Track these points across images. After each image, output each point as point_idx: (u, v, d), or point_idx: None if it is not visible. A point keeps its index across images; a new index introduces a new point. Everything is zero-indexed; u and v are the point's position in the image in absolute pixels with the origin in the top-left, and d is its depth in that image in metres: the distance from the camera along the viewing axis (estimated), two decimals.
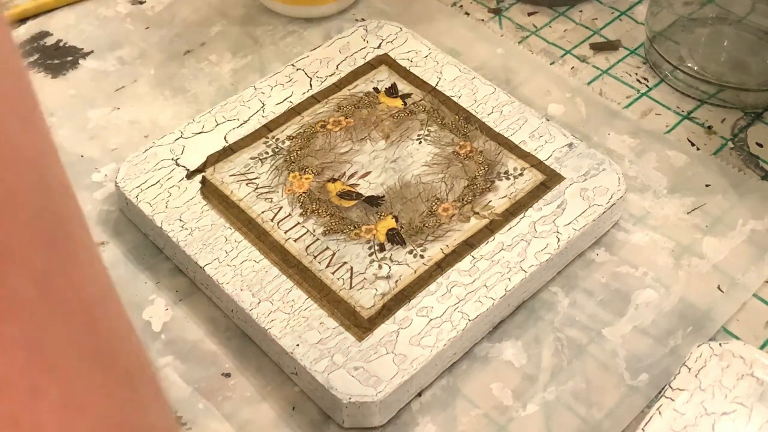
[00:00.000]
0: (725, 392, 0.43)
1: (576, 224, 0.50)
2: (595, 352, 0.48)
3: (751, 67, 0.62)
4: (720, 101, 0.60)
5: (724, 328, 0.49)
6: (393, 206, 0.52)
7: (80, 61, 0.63)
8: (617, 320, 0.49)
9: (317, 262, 0.49)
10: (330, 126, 0.56)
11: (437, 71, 0.59)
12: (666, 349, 0.48)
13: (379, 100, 0.57)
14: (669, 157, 0.57)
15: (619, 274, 0.51)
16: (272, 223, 0.51)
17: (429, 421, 0.46)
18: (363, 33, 0.61)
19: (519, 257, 0.49)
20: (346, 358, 0.45)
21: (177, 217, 0.51)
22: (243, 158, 0.54)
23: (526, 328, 0.49)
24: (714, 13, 0.64)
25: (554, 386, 0.47)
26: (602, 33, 0.65)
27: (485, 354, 0.48)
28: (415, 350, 0.45)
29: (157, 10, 0.67)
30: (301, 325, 0.46)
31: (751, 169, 0.56)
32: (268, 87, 0.58)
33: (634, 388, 0.47)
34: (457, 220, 0.51)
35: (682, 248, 0.52)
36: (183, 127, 0.55)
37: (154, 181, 0.52)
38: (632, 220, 0.54)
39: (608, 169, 0.53)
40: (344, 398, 0.44)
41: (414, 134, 0.55)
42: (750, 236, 0.53)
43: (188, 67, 0.63)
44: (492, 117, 0.56)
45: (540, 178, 0.53)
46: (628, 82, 0.62)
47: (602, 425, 0.45)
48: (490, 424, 0.45)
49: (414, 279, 0.48)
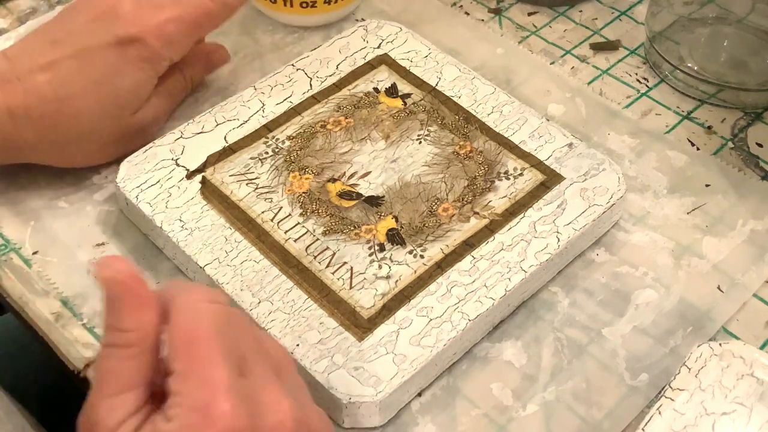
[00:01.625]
0: (725, 392, 0.43)
1: (576, 224, 0.50)
2: (595, 352, 0.48)
3: (751, 67, 0.62)
4: (720, 101, 0.60)
5: (724, 328, 0.49)
6: (393, 206, 0.52)
7: None
8: (617, 320, 0.49)
9: (317, 262, 0.49)
10: (330, 126, 0.56)
11: (437, 71, 0.59)
12: (666, 349, 0.48)
13: (379, 100, 0.57)
14: (669, 157, 0.57)
15: (619, 274, 0.51)
16: (272, 223, 0.51)
17: (429, 421, 0.46)
18: (363, 33, 0.61)
19: (519, 257, 0.49)
20: (346, 358, 0.45)
21: (177, 217, 0.51)
22: (243, 158, 0.54)
23: (526, 328, 0.49)
24: (714, 13, 0.64)
25: (554, 386, 0.47)
26: (602, 33, 0.65)
27: (485, 354, 0.48)
28: (415, 350, 0.45)
29: None
30: (301, 325, 0.46)
31: (751, 169, 0.56)
32: (268, 87, 0.58)
33: (634, 388, 0.47)
34: (457, 220, 0.51)
35: (682, 248, 0.52)
36: (183, 127, 0.55)
37: (154, 181, 0.52)
38: (632, 220, 0.54)
39: (608, 169, 0.53)
40: (344, 398, 0.44)
41: (414, 134, 0.55)
42: (750, 236, 0.53)
43: None
44: (492, 117, 0.56)
45: (540, 178, 0.53)
46: (628, 82, 0.62)
47: (602, 425, 0.45)
48: (490, 424, 0.45)
49: (414, 279, 0.48)
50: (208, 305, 0.34)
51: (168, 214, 0.51)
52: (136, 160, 0.53)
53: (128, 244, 0.53)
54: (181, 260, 0.50)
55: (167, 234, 0.50)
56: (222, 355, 0.32)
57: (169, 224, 0.50)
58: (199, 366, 0.32)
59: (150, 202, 0.51)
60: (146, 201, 0.51)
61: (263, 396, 0.33)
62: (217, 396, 0.31)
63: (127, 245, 0.53)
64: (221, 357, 0.32)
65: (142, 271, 0.51)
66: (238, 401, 0.31)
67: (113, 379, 0.33)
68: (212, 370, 0.32)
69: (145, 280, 0.34)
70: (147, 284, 0.34)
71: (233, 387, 0.32)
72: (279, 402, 0.33)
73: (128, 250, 0.52)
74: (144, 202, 0.51)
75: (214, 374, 0.32)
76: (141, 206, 0.51)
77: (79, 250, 0.52)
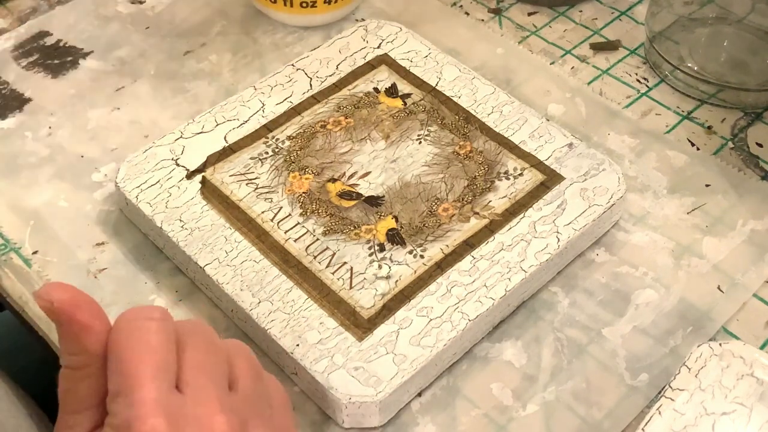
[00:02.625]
0: (725, 392, 0.43)
1: (576, 224, 0.50)
2: (595, 352, 0.48)
3: (751, 67, 0.62)
4: (720, 101, 0.60)
5: (724, 328, 0.49)
6: (393, 206, 0.52)
7: (80, 61, 0.63)
8: (617, 320, 0.49)
9: (317, 262, 0.49)
10: (330, 126, 0.56)
11: (437, 71, 0.59)
12: (666, 349, 0.48)
13: (379, 100, 0.57)
14: (669, 157, 0.57)
15: (619, 274, 0.51)
16: (272, 223, 0.51)
17: (429, 421, 0.46)
18: (363, 33, 0.61)
19: (519, 257, 0.49)
20: (346, 358, 0.45)
21: (177, 217, 0.51)
22: (243, 158, 0.54)
23: (526, 328, 0.49)
24: (714, 13, 0.64)
25: (554, 386, 0.47)
26: (602, 33, 0.65)
27: (485, 354, 0.48)
28: (415, 350, 0.45)
29: (157, 10, 0.67)
30: (301, 325, 0.46)
31: (751, 169, 0.56)
32: (268, 87, 0.58)
33: (634, 388, 0.47)
34: (457, 220, 0.51)
35: (682, 248, 0.52)
36: (183, 127, 0.55)
37: (154, 181, 0.52)
38: (632, 220, 0.54)
39: (608, 169, 0.53)
40: (344, 398, 0.44)
41: (414, 134, 0.55)
42: (750, 236, 0.53)
43: (188, 67, 0.63)
44: (492, 117, 0.56)
45: (540, 178, 0.53)
46: (628, 82, 0.62)
47: (602, 425, 0.45)
48: (490, 424, 0.45)
49: (414, 279, 0.48)
50: (143, 323, 0.34)
51: (168, 214, 0.51)
52: (136, 160, 0.53)
53: (128, 244, 0.53)
54: (181, 260, 0.50)
55: (167, 234, 0.50)
56: (151, 372, 0.32)
57: (169, 224, 0.50)
58: (126, 384, 0.32)
59: (150, 202, 0.51)
60: (146, 201, 0.51)
61: (197, 410, 0.33)
62: (141, 414, 0.32)
63: (127, 245, 0.52)
64: (150, 375, 0.32)
65: (142, 271, 0.51)
66: (163, 418, 0.32)
67: (70, 399, 0.34)
68: (138, 388, 0.32)
69: (91, 300, 0.34)
70: (92, 306, 0.34)
71: (159, 403, 0.32)
72: (211, 416, 0.33)
73: (128, 250, 0.52)
74: (144, 202, 0.51)
75: (141, 392, 0.32)
76: (141, 206, 0.51)
77: (79, 249, 0.52)
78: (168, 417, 0.32)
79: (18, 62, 0.63)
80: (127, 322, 0.34)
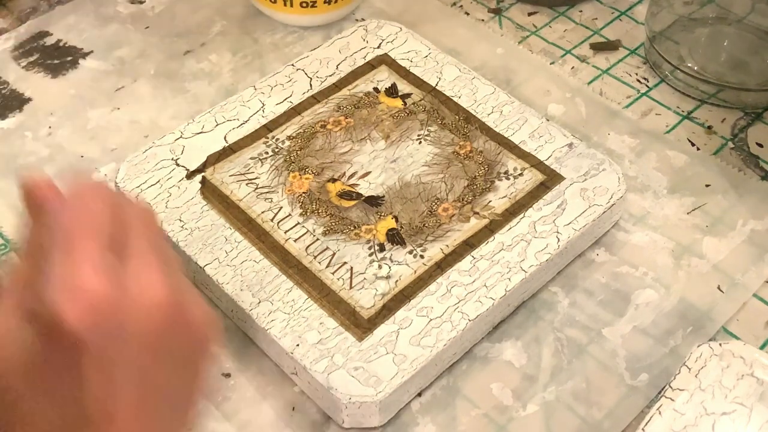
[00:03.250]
0: (725, 392, 0.43)
1: (576, 224, 0.50)
2: (595, 352, 0.48)
3: (751, 67, 0.62)
4: (720, 101, 0.60)
5: (724, 328, 0.49)
6: (393, 206, 0.52)
7: (80, 61, 0.63)
8: (617, 320, 0.49)
9: (317, 262, 0.49)
10: (330, 126, 0.56)
11: (437, 71, 0.59)
12: (666, 349, 0.48)
13: (379, 100, 0.57)
14: (669, 157, 0.57)
15: (619, 274, 0.51)
16: (272, 223, 0.51)
17: (429, 421, 0.46)
18: (363, 33, 0.61)
19: (519, 257, 0.49)
20: (346, 358, 0.45)
21: (177, 217, 0.51)
22: (243, 158, 0.54)
23: (526, 328, 0.49)
24: (714, 13, 0.64)
25: (554, 386, 0.47)
26: (602, 33, 0.65)
27: (485, 354, 0.48)
28: (415, 350, 0.45)
29: (157, 11, 0.67)
30: (301, 325, 0.46)
31: (751, 169, 0.56)
32: (268, 87, 0.58)
33: (634, 388, 0.47)
34: (457, 220, 0.51)
35: (682, 248, 0.52)
36: (183, 127, 0.55)
37: (154, 181, 0.52)
38: (632, 220, 0.54)
39: (608, 169, 0.53)
40: (344, 398, 0.44)
41: (414, 134, 0.55)
42: (750, 236, 0.53)
43: (188, 67, 0.63)
44: (492, 117, 0.56)
45: (540, 178, 0.53)
46: (628, 82, 0.62)
47: (602, 425, 0.45)
48: (490, 424, 0.45)
49: (414, 279, 0.48)
50: (93, 193, 0.35)
51: (168, 214, 0.51)
52: (136, 160, 0.53)
53: None
54: (181, 260, 0.50)
55: (167, 234, 0.50)
56: (95, 239, 0.33)
57: (169, 224, 0.50)
58: (71, 249, 0.33)
59: (150, 202, 0.51)
60: (146, 201, 0.51)
61: (141, 277, 0.33)
62: (84, 271, 0.32)
63: None
64: (94, 240, 0.33)
65: None
66: (106, 277, 0.32)
67: None
68: (83, 251, 0.33)
69: None
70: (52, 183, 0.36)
71: (102, 264, 0.32)
72: (155, 283, 0.33)
73: None
74: None
75: (85, 254, 0.32)
76: None
77: None
78: (111, 276, 0.32)
79: (18, 62, 0.63)
80: (78, 198, 0.35)
